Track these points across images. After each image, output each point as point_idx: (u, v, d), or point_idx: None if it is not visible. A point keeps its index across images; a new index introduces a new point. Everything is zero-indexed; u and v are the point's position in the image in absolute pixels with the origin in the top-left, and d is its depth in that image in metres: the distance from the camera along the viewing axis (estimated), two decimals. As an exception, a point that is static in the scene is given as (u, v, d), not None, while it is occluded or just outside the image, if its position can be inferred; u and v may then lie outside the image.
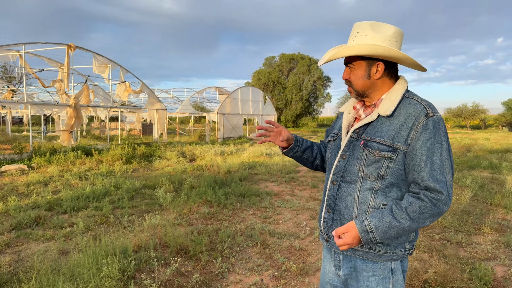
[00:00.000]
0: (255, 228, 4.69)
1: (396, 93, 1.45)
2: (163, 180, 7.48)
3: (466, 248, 4.10)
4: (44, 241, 4.31)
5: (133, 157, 11.67)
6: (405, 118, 1.39)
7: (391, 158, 1.39)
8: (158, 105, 18.02)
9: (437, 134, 1.35)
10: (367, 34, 1.41)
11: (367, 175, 1.43)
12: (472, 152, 14.01)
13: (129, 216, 5.33)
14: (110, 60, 15.45)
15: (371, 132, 1.45)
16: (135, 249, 3.90)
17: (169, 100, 30.31)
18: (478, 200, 6.33)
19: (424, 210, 1.32)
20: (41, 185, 7.56)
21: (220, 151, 13.61)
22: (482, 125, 42.84)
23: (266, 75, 42.47)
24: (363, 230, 1.36)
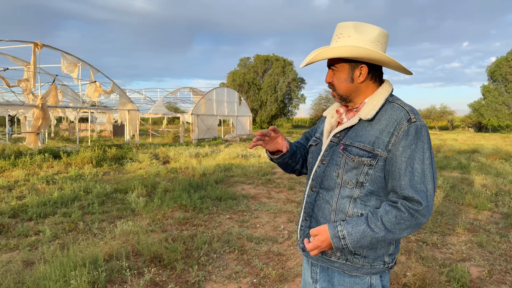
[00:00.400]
0: (232, 233, 4.58)
1: (379, 97, 1.40)
2: (136, 184, 7.24)
3: (441, 249, 4.14)
4: (7, 251, 4.03)
5: (103, 160, 11.29)
6: (387, 123, 1.34)
7: (370, 164, 1.33)
8: (130, 105, 17.57)
9: (419, 141, 1.29)
10: (350, 35, 1.36)
11: (345, 181, 1.37)
12: (441, 153, 14.42)
13: (100, 222, 5.10)
14: (79, 59, 14.92)
15: (351, 137, 1.39)
16: (106, 258, 3.70)
17: (141, 101, 29.69)
18: (450, 201, 6.46)
19: (401, 220, 1.25)
20: (4, 190, 7.15)
21: (195, 153, 13.39)
22: (449, 126, 44.40)
23: (241, 76, 42.38)
24: (335, 235, 1.30)
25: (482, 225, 5.04)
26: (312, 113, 48.83)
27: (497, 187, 7.35)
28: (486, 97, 39.01)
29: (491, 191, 6.92)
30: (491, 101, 37.95)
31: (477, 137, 27.13)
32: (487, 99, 38.64)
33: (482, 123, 39.23)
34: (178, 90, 26.47)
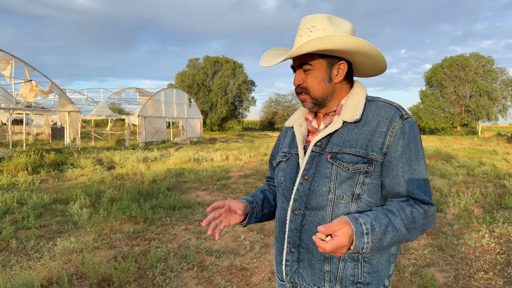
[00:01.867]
0: (190, 247, 4.22)
1: (358, 96, 1.24)
2: (78, 193, 6.59)
3: (405, 255, 4.10)
4: None
5: (41, 166, 10.29)
6: (377, 122, 1.17)
7: (367, 172, 1.14)
8: (70, 106, 16.35)
9: (415, 139, 1.16)
10: (325, 29, 1.17)
11: (339, 196, 1.15)
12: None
13: (37, 238, 4.49)
14: (12, 56, 13.59)
15: (337, 143, 1.19)
16: (44, 284, 3.19)
17: (83, 102, 27.95)
18: (404, 203, 6.57)
19: (416, 218, 1.10)
20: None
21: (142, 157, 12.69)
22: (391, 129, 46.89)
23: (190, 77, 41.55)
24: (358, 230, 1.02)
25: (438, 227, 5.12)
26: (262, 115, 49.14)
27: (445, 188, 7.64)
28: (424, 101, 41.71)
29: (440, 193, 7.17)
30: (428, 105, 40.60)
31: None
32: (425, 103, 41.32)
33: (420, 125, 41.83)
34: (123, 90, 25.23)
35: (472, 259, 3.97)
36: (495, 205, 6.22)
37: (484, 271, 3.64)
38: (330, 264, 1.17)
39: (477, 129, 39.55)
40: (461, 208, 5.98)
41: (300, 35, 1.20)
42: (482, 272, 3.59)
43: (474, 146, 20.22)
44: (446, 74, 39.43)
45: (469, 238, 4.60)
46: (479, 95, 38.28)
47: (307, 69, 1.22)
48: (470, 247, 4.33)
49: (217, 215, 1.29)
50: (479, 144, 22.69)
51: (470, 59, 38.55)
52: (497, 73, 38.37)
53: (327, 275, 1.18)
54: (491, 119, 38.89)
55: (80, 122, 19.36)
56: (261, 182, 8.51)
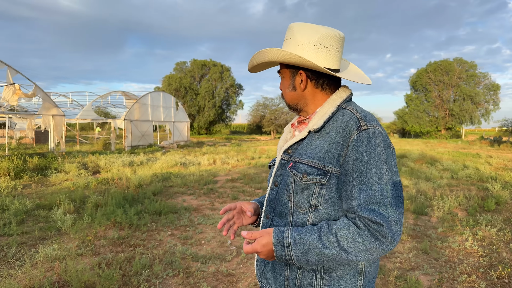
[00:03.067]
0: (175, 253, 4.18)
1: (330, 105, 1.21)
2: (62, 198, 6.47)
3: (390, 258, 4.13)
4: None
5: (23, 171, 10.08)
6: (336, 133, 1.14)
7: (322, 184, 1.12)
8: (54, 110, 16.09)
9: (373, 151, 1.07)
10: (291, 38, 1.21)
11: (297, 205, 1.17)
12: (374, 158, 15.12)
13: (18, 246, 4.38)
14: (-6, 58, 13.30)
15: (300, 152, 1.20)
16: (24, 293, 3.11)
17: (68, 105, 27.52)
18: (389, 206, 6.62)
19: (359, 239, 1.03)
20: None
21: (128, 162, 12.55)
22: (377, 132, 47.35)
23: (178, 81, 41.36)
24: (279, 242, 1.10)
25: (423, 230, 5.18)
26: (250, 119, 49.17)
27: (430, 191, 7.75)
28: (409, 105, 42.30)
29: (425, 196, 7.26)
30: (413, 109, 41.18)
31: (402, 142, 29.15)
32: (410, 107, 41.91)
33: (406, 129, 42.42)
34: (109, 94, 24.97)
35: (456, 262, 4.02)
36: (478, 208, 6.33)
37: (468, 274, 3.70)
38: (289, 270, 1.20)
39: (461, 132, 40.32)
40: (445, 211, 6.07)
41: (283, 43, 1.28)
42: (466, 275, 3.64)
43: (458, 150, 20.58)
44: (431, 78, 40.13)
45: (453, 241, 4.67)
46: (463, 99, 39.04)
47: (281, 77, 1.32)
48: (454, 250, 4.39)
49: (230, 216, 1.36)
50: (463, 147, 23.11)
51: (454, 64, 39.33)
52: (480, 77, 39.22)
53: (287, 281, 1.21)
54: (474, 123, 39.68)
55: (65, 126, 19.04)
56: (248, 186, 8.50)
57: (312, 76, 1.23)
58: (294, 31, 1.22)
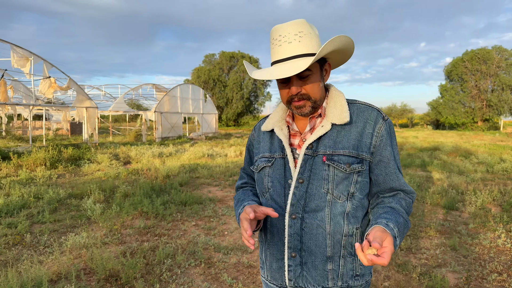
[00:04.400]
0: (198, 243, 4.24)
1: (340, 99, 1.27)
2: (92, 188, 6.71)
3: (416, 254, 4.01)
4: None
5: (58, 161, 10.52)
6: (363, 124, 1.23)
7: (359, 171, 1.21)
8: (88, 102, 16.63)
9: (394, 137, 1.28)
10: (310, 33, 1.20)
11: (337, 196, 1.19)
12: (404, 150, 14.71)
13: (50, 233, 4.59)
14: (31, 53, 13.88)
15: (329, 145, 1.21)
16: (54, 279, 3.26)
17: (101, 97, 28.41)
18: (417, 200, 6.44)
19: (409, 207, 1.24)
20: None
21: (158, 153, 12.83)
22: (409, 124, 45.99)
23: (206, 73, 41.69)
24: (394, 235, 1.08)
25: (452, 226, 5.00)
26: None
27: (462, 185, 7.45)
28: (444, 96, 40.70)
29: (456, 190, 6.99)
30: (448, 100, 39.61)
31: (435, 134, 28.17)
32: (445, 97, 40.33)
33: (440, 120, 40.92)
34: (140, 86, 25.52)
35: (486, 260, 3.85)
36: (514, 203, 6.02)
37: (498, 272, 3.53)
38: (332, 262, 1.22)
39: (499, 124, 38.44)
40: (478, 207, 5.82)
41: (289, 42, 1.17)
42: (496, 273, 3.48)
43: (495, 142, 19.66)
44: (467, 67, 38.37)
45: (484, 238, 4.47)
46: (502, 89, 37.12)
47: (306, 75, 1.19)
48: (484, 247, 4.20)
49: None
50: (501, 139, 22.05)
51: (492, 52, 37.36)
52: (521, 66, 37.09)
53: (330, 274, 1.23)
54: (514, 114, 37.67)
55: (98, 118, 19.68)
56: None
57: None
58: (308, 26, 1.20)
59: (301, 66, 1.13)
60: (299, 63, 1.14)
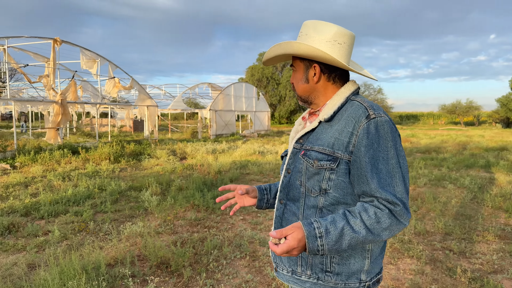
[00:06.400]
0: (244, 237, 4.37)
1: (339, 97, 1.30)
2: (150, 181, 7.14)
3: (470, 259, 3.81)
4: (15, 252, 3.96)
5: (121, 156, 11.29)
6: (345, 122, 1.23)
7: (331, 169, 1.21)
8: (148, 101, 17.60)
9: (381, 139, 1.17)
10: (307, 34, 1.31)
11: (309, 189, 1.26)
12: (468, 150, 13.81)
13: (111, 222, 4.99)
14: (98, 55, 15.00)
15: (311, 141, 1.29)
16: (111, 263, 3.56)
17: (161, 96, 29.83)
18: (478, 203, 6.07)
19: (381, 218, 1.12)
20: (21, 186, 7.17)
21: (212, 149, 13.26)
22: (475, 122, 42.90)
23: (260, 71, 42.08)
24: (311, 233, 1.11)
25: (515, 231, 4.66)
26: None
27: (530, 188, 6.87)
28: (516, 91, 37.41)
29: (523, 193, 6.47)
30: (520, 96, 36.36)
31: (505, 133, 26.02)
32: (517, 93, 37.06)
33: (511, 119, 37.69)
34: (197, 85, 26.45)
35: (550, 268, 3.56)
36: None
37: None
38: None
39: None
40: (547, 212, 5.35)
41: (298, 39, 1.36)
42: (560, 283, 3.22)
43: None
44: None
45: (550, 245, 4.12)
46: None
47: (293, 69, 1.38)
48: (550, 255, 3.88)
49: (230, 196, 1.53)
50: None
51: None
52: None
53: (299, 260, 1.30)
54: None
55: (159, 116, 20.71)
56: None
57: (325, 70, 1.32)
58: (309, 27, 1.31)
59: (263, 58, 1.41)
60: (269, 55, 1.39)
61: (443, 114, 45.46)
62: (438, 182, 7.82)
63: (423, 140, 18.57)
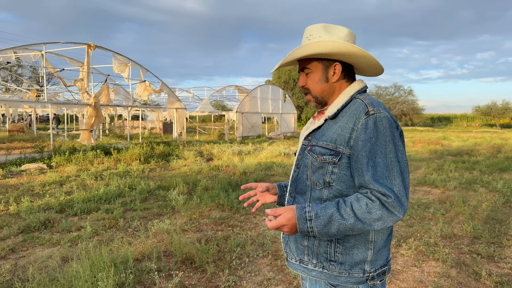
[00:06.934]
0: (267, 236, 4.44)
1: (344, 95, 1.37)
2: (178, 181, 7.33)
3: (499, 263, 3.70)
4: (50, 246, 4.19)
5: (151, 157, 11.62)
6: (347, 119, 1.31)
7: (334, 163, 1.30)
8: (177, 104, 17.99)
9: (379, 133, 1.23)
10: (320, 36, 1.34)
11: (314, 183, 1.35)
12: (502, 153, 13.27)
13: (140, 219, 5.17)
14: (129, 60, 15.49)
15: (317, 137, 1.38)
16: (139, 258, 3.71)
17: (189, 99, 30.37)
18: (510, 207, 5.85)
19: (372, 209, 1.18)
20: (56, 185, 7.55)
21: (237, 151, 13.41)
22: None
23: (287, 73, 42.04)
24: (302, 216, 1.23)
25: (549, 236, 4.47)
26: None
27: None
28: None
29: (561, 198, 6.18)
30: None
31: (545, 135, 24.76)
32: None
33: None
34: (224, 88, 26.78)
35: None
36: None
37: None
38: (308, 240, 1.37)
39: None
40: None
41: (303, 42, 1.39)
42: None
43: None
44: None
45: None
46: None
47: (307, 71, 1.41)
48: None
49: (252, 194, 1.63)
50: None
51: None
52: None
53: (306, 249, 1.38)
54: None
55: (187, 118, 21.12)
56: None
57: (344, 68, 1.40)
58: (318, 30, 1.36)
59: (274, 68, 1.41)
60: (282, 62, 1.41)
61: (477, 116, 43.75)
62: (469, 185, 7.59)
63: (455, 143, 18.01)
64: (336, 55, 1.34)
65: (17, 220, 5.08)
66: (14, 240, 4.31)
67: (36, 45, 12.90)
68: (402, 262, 3.75)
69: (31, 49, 13.60)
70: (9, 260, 3.75)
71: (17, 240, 4.32)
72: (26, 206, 5.61)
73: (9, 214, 5.41)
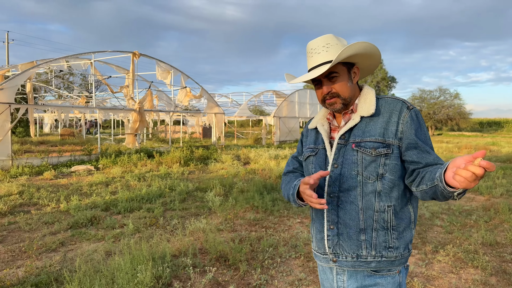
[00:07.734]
0: (300, 238, 4.48)
1: (370, 95, 1.49)
2: (215, 183, 7.53)
3: (544, 273, 3.52)
4: (95, 241, 4.49)
5: (190, 160, 11.99)
6: (389, 114, 1.43)
7: (386, 154, 1.39)
8: (216, 109, 18.40)
9: (422, 122, 1.43)
10: (337, 43, 1.45)
11: (367, 177, 1.40)
12: (559, 159, 12.39)
13: (178, 218, 5.40)
14: (171, 67, 16.09)
15: (358, 135, 1.44)
16: (176, 254, 3.89)
17: (228, 104, 30.89)
18: None
19: None
20: (102, 185, 8.00)
21: (274, 155, 13.49)
22: None
23: (326, 77, 41.69)
24: None
25: None
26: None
27: None
28: None
29: None
30: None
31: None
32: None
33: None
34: (262, 93, 26.98)
35: None
36: None
37: None
38: (365, 234, 1.41)
39: None
40: None
41: (318, 52, 1.45)
42: None
43: None
44: None
45: None
46: None
47: (333, 77, 1.46)
48: None
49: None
50: None
51: None
52: None
53: (363, 244, 1.42)
54: None
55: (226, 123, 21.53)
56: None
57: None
58: (334, 38, 1.47)
59: (322, 69, 1.40)
60: (323, 68, 1.40)
61: (533, 120, 40.98)
62: (517, 192, 7.19)
63: (504, 149, 17.02)
64: (367, 55, 1.46)
65: (66, 217, 5.46)
66: (64, 235, 4.66)
67: (85, 54, 13.74)
68: (439, 268, 3.66)
69: (81, 58, 14.51)
70: (59, 253, 4.07)
71: (66, 235, 4.66)
72: (75, 204, 6.02)
73: (59, 211, 5.83)
